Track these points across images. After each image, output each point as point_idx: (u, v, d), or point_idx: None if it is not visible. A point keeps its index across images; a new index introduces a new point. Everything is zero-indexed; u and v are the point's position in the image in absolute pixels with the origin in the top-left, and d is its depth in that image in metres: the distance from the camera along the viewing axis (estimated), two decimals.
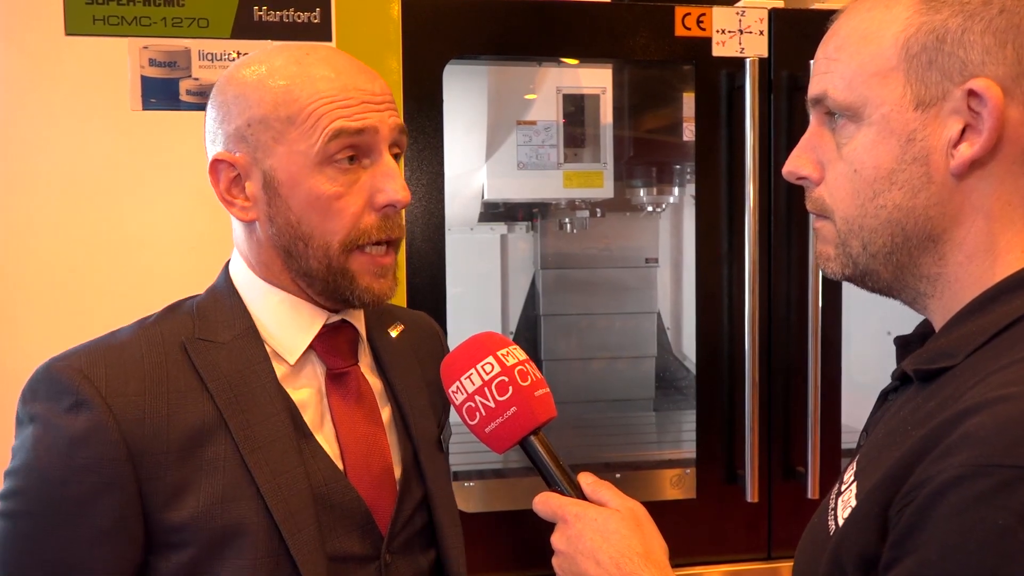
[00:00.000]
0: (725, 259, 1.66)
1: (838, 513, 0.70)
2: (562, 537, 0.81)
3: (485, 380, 0.85)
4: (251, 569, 0.84)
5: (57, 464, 0.81)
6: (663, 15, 1.62)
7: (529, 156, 2.04)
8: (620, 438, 2.33)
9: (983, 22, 0.67)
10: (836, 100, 0.72)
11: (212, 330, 0.90)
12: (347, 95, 0.86)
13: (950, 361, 0.68)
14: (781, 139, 1.66)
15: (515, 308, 2.59)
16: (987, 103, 0.66)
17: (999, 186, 0.69)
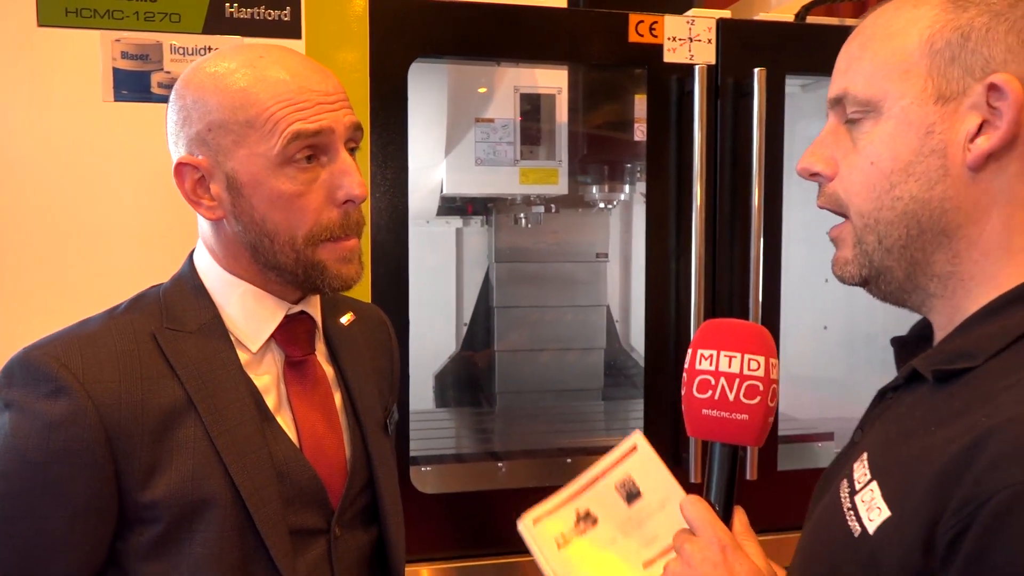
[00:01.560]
0: (673, 255, 1.75)
1: (861, 515, 0.69)
2: (695, 550, 0.79)
3: (744, 374, 0.81)
4: (219, 540, 0.90)
5: (36, 447, 0.85)
6: (618, 22, 1.70)
7: (487, 153, 2.10)
8: (571, 425, 2.41)
9: (1008, 22, 0.69)
10: (856, 96, 0.74)
11: (179, 320, 0.95)
12: (302, 97, 0.90)
13: (971, 362, 0.68)
14: (727, 142, 1.75)
15: (469, 300, 2.65)
16: (1008, 96, 0.68)
17: (1015, 182, 0.70)
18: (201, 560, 0.89)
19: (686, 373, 0.85)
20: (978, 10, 0.70)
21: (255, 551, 0.92)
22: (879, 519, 0.67)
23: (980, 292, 0.72)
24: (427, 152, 2.09)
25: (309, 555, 0.96)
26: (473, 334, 2.63)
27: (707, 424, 0.82)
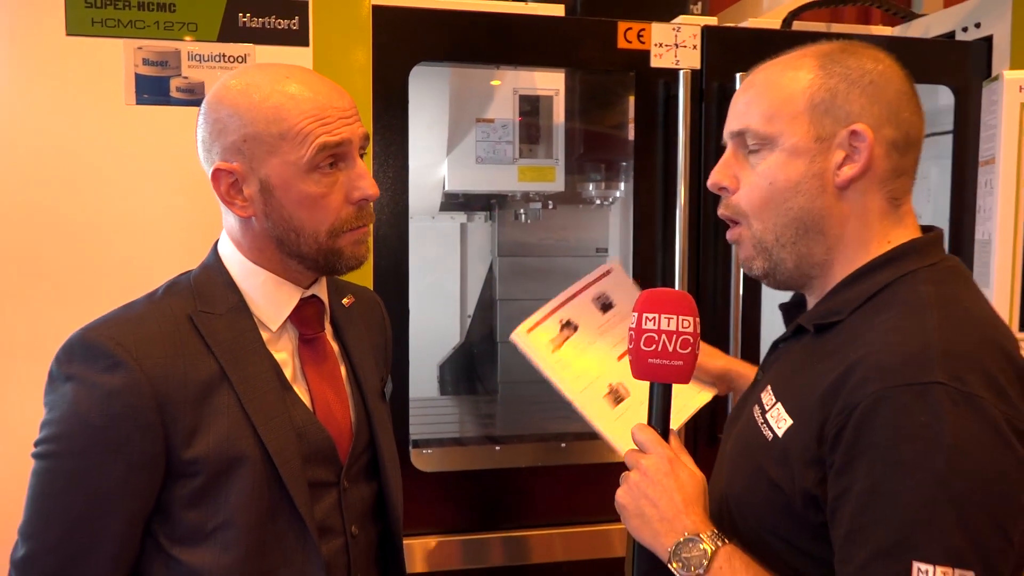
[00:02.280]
0: (659, 249, 1.86)
1: (772, 426, 0.96)
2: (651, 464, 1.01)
3: (679, 331, 1.03)
4: (250, 491, 1.04)
5: (98, 413, 1.00)
6: (608, 29, 1.80)
7: (487, 151, 2.21)
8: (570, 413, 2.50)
9: (860, 87, 0.96)
10: (757, 132, 0.99)
11: (210, 303, 1.09)
12: (326, 113, 1.05)
13: (838, 317, 0.96)
14: (711, 143, 1.85)
15: (473, 292, 2.75)
16: (864, 139, 0.95)
17: (867, 198, 0.98)
18: (235, 508, 1.04)
19: (633, 331, 1.06)
20: (840, 77, 0.97)
21: (280, 501, 1.06)
22: (785, 427, 0.94)
23: (843, 271, 0.99)
24: (430, 150, 2.19)
25: (323, 504, 1.11)
26: (475, 325, 2.73)
27: (652, 369, 1.05)
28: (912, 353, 0.85)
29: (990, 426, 0.82)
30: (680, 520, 0.97)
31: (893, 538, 0.81)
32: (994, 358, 0.86)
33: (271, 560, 1.07)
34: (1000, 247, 1.65)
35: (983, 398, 0.83)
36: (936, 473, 0.81)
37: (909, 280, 0.94)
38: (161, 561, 1.06)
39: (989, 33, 1.96)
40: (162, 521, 1.06)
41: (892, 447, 0.82)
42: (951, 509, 0.80)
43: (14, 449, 1.47)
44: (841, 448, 0.86)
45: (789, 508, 0.92)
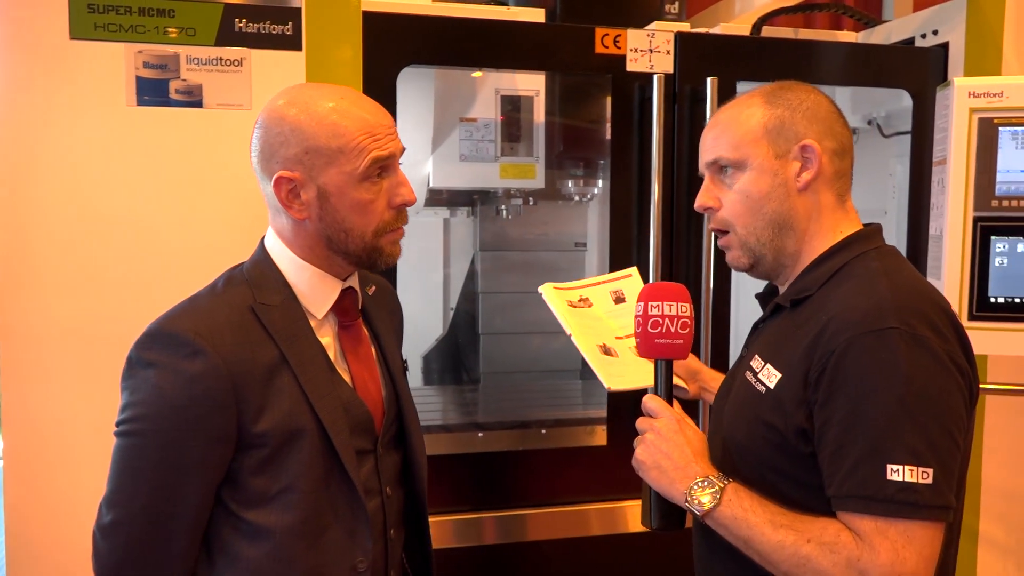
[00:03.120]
0: (635, 244, 1.96)
1: (764, 382, 1.17)
2: (664, 425, 1.21)
3: (679, 315, 1.24)
4: (308, 459, 1.19)
5: (180, 394, 1.13)
6: (586, 35, 1.89)
7: (470, 149, 2.30)
8: (550, 401, 2.60)
9: (800, 112, 1.21)
10: (729, 158, 1.22)
11: (266, 295, 1.23)
12: (376, 131, 1.20)
13: (808, 293, 1.18)
14: (684, 143, 1.95)
15: (456, 286, 2.83)
16: (814, 151, 1.19)
17: (822, 197, 1.22)
18: (295, 474, 1.19)
19: (640, 317, 1.26)
20: (784, 107, 1.22)
21: (332, 467, 1.21)
22: (776, 380, 1.15)
23: (808, 259, 1.23)
24: (416, 149, 2.28)
25: (364, 468, 1.27)
26: (459, 318, 2.81)
27: (658, 348, 1.25)
28: (871, 309, 1.08)
29: (934, 358, 1.06)
30: (692, 468, 1.16)
31: (869, 448, 1.04)
32: (932, 309, 1.10)
33: (325, 519, 1.21)
34: (950, 242, 1.76)
35: (928, 337, 1.06)
36: (897, 395, 1.03)
37: (860, 259, 1.18)
38: (231, 523, 1.20)
39: (945, 40, 2.07)
40: (231, 488, 1.19)
41: (862, 379, 1.05)
42: (911, 421, 1.03)
43: None
44: (823, 387, 1.08)
45: (784, 444, 1.13)
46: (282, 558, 1.19)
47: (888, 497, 1.02)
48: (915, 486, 1.02)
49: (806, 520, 1.08)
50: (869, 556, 1.03)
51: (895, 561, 1.02)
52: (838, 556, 1.04)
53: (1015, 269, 1.73)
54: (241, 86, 1.66)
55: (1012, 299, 1.74)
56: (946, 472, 1.04)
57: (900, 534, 1.02)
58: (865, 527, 1.04)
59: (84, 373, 1.62)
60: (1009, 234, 1.73)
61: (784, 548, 1.07)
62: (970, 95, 1.73)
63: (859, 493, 1.04)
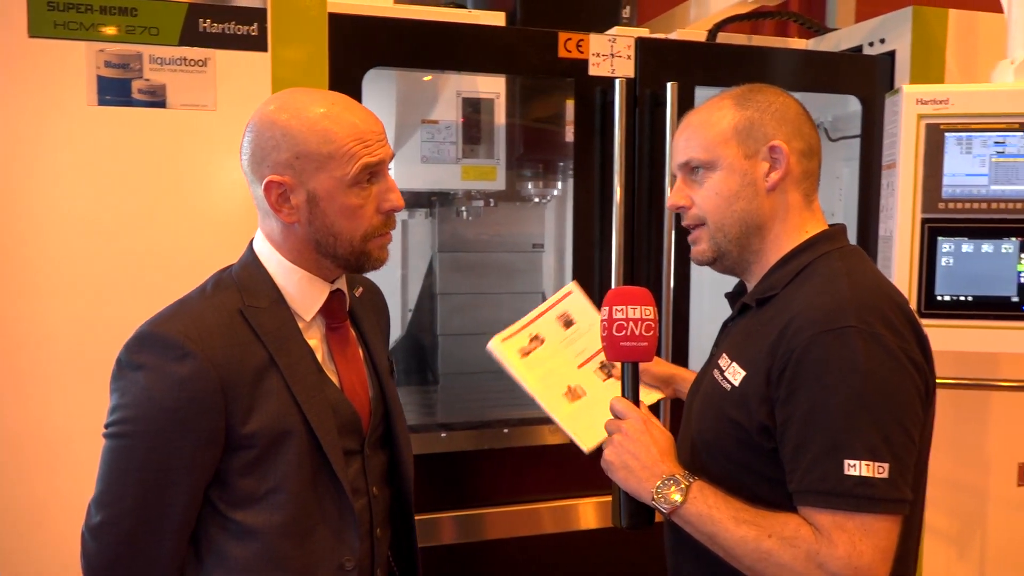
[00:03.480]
0: (597, 245, 1.99)
1: (730, 379, 1.20)
2: (631, 427, 1.23)
3: (643, 318, 1.26)
4: (296, 459, 1.20)
5: (169, 396, 1.14)
6: (549, 39, 1.92)
7: (432, 151, 2.31)
8: (509, 401, 2.62)
9: (769, 113, 1.24)
10: (700, 159, 1.25)
11: (255, 298, 1.23)
12: (367, 137, 1.21)
13: (773, 292, 1.21)
14: (644, 146, 1.99)
15: (414, 287, 2.83)
16: (781, 152, 1.22)
17: (789, 197, 1.25)
18: (283, 475, 1.19)
19: (605, 321, 1.28)
20: (753, 108, 1.24)
21: (321, 466, 1.22)
22: (740, 377, 1.18)
23: (774, 257, 1.25)
24: None
25: (351, 469, 1.28)
26: (418, 319, 2.82)
27: (624, 351, 1.27)
28: (831, 308, 1.11)
29: (890, 355, 1.09)
30: (658, 467, 1.19)
31: (827, 443, 1.07)
32: (890, 308, 1.13)
33: (312, 518, 1.23)
34: (899, 243, 1.83)
35: (884, 335, 1.09)
36: (854, 390, 1.07)
37: (824, 259, 1.21)
38: (218, 523, 1.21)
39: (892, 48, 2.16)
40: (219, 488, 1.20)
41: (821, 376, 1.08)
42: (868, 416, 1.07)
43: None
44: (784, 384, 1.11)
45: (748, 440, 1.16)
46: (270, 558, 1.20)
47: (845, 491, 1.05)
48: (871, 480, 1.05)
49: (768, 515, 1.11)
50: (827, 549, 1.05)
51: (852, 554, 1.04)
52: (798, 550, 1.07)
53: (960, 268, 1.81)
54: (206, 86, 1.65)
55: (957, 297, 1.82)
56: (902, 466, 1.07)
57: (857, 527, 1.05)
58: (824, 521, 1.07)
59: (58, 375, 1.59)
60: (955, 235, 1.81)
61: (746, 543, 1.10)
62: (918, 102, 1.81)
63: (818, 488, 1.07)
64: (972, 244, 1.80)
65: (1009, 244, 1.79)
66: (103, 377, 1.20)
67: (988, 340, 1.81)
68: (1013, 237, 1.78)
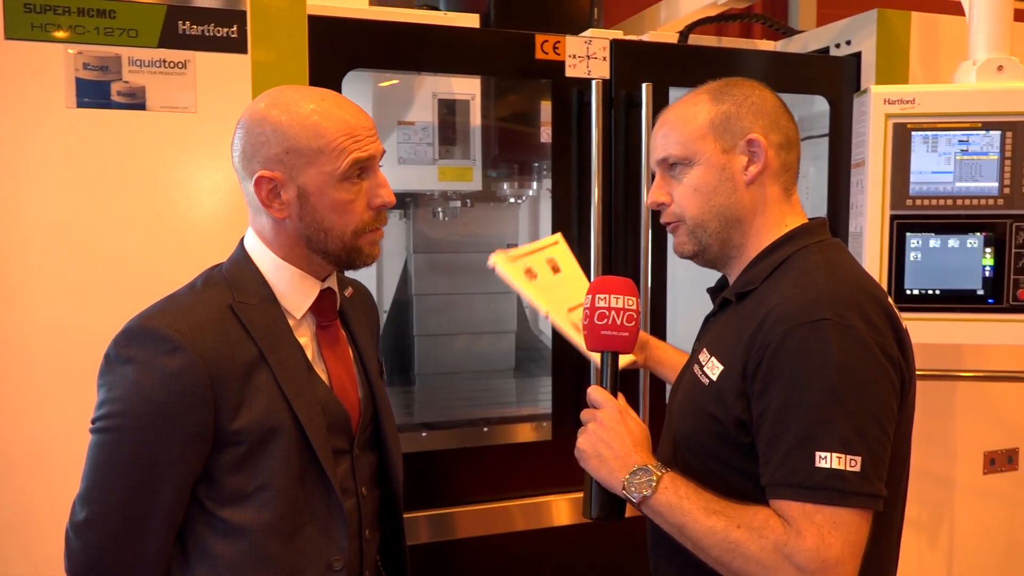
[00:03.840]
0: (575, 243, 2.01)
1: (708, 374, 1.20)
2: (606, 416, 1.22)
3: (625, 308, 1.25)
4: (285, 457, 1.20)
5: (159, 390, 1.13)
6: (526, 41, 1.95)
7: (408, 152, 2.32)
8: (486, 400, 2.64)
9: (745, 107, 1.24)
10: (677, 155, 1.25)
11: (245, 294, 1.23)
12: (357, 132, 1.21)
13: (752, 286, 1.21)
14: (620, 146, 2.02)
15: (389, 288, 2.84)
16: (760, 145, 1.22)
17: (768, 190, 1.25)
18: (271, 472, 1.19)
19: (588, 309, 1.27)
20: (730, 102, 1.24)
21: (310, 464, 1.22)
22: (718, 371, 1.18)
23: (754, 251, 1.25)
24: None
25: (341, 468, 1.28)
26: (393, 320, 2.82)
27: (604, 340, 1.26)
28: (807, 301, 1.11)
29: (865, 348, 1.08)
30: (631, 457, 1.18)
31: (800, 436, 1.06)
32: (868, 302, 1.12)
33: (301, 517, 1.22)
34: (869, 239, 1.89)
35: (860, 328, 1.09)
36: (828, 383, 1.06)
37: (802, 253, 1.21)
38: (205, 520, 1.20)
39: (858, 50, 2.22)
40: (207, 485, 1.19)
41: (795, 368, 1.08)
42: (841, 409, 1.06)
43: None
44: (759, 378, 1.11)
45: (725, 434, 1.16)
46: (257, 556, 1.19)
47: (816, 484, 1.04)
48: (843, 473, 1.04)
49: (738, 507, 1.10)
50: (795, 541, 1.04)
51: (820, 546, 1.03)
52: (765, 541, 1.06)
53: (928, 263, 1.87)
54: (185, 88, 1.65)
55: (925, 291, 1.88)
56: (875, 460, 1.06)
57: (827, 520, 1.04)
58: (793, 513, 1.06)
59: (40, 377, 1.58)
60: (922, 231, 1.87)
61: (715, 533, 1.09)
62: (885, 102, 1.86)
63: (789, 481, 1.06)
64: (939, 239, 1.86)
65: (974, 239, 1.85)
66: (85, 378, 1.20)
67: (955, 332, 1.87)
68: (978, 232, 1.85)
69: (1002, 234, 1.84)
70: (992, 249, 1.84)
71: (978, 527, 2.40)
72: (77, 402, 1.53)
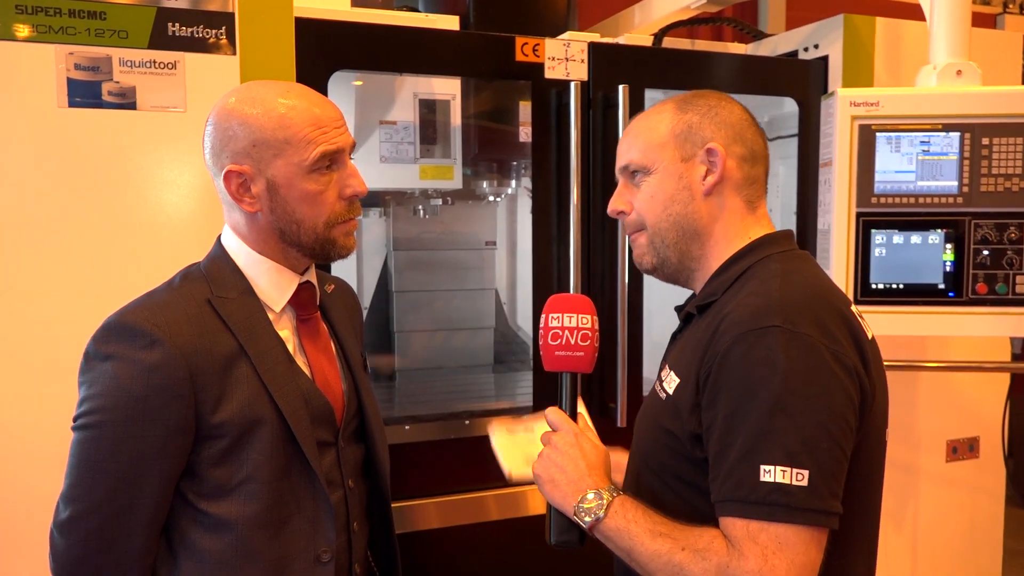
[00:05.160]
0: (555, 241, 2.07)
1: (666, 388, 1.18)
2: (561, 440, 1.20)
3: (579, 327, 1.22)
4: (268, 449, 1.20)
5: (139, 385, 1.13)
6: (507, 43, 2.00)
7: (390, 151, 2.36)
8: (467, 394, 2.68)
9: (708, 117, 1.22)
10: (637, 163, 1.24)
11: (223, 289, 1.24)
12: (324, 124, 1.22)
13: (714, 298, 1.18)
14: (598, 146, 2.08)
15: (369, 285, 2.88)
16: (718, 155, 1.20)
17: (729, 202, 1.22)
18: (255, 464, 1.19)
19: (542, 329, 1.25)
20: (693, 112, 1.23)
21: (294, 457, 1.22)
22: (675, 385, 1.16)
23: (716, 263, 1.23)
24: None
25: (326, 460, 1.29)
26: (373, 317, 2.86)
27: (559, 361, 1.24)
28: (758, 308, 1.08)
29: (817, 356, 1.04)
30: (584, 481, 1.15)
31: (745, 448, 1.02)
32: (824, 309, 1.09)
33: (287, 509, 1.22)
34: (836, 236, 1.97)
35: (811, 335, 1.04)
36: (774, 393, 1.01)
37: (763, 263, 1.18)
38: (190, 515, 1.21)
39: (825, 54, 2.30)
40: (191, 480, 1.20)
41: (742, 378, 1.04)
42: (787, 420, 1.01)
43: None
44: (708, 388, 1.08)
45: (681, 450, 1.13)
46: (244, 549, 1.19)
47: (760, 499, 0.99)
48: (787, 487, 0.98)
49: (685, 529, 1.06)
50: (737, 562, 0.99)
51: (763, 568, 0.98)
52: (708, 563, 1.01)
53: (892, 258, 1.95)
54: (175, 89, 1.68)
55: (890, 285, 1.96)
56: (826, 475, 1.00)
57: (771, 539, 0.99)
58: (737, 532, 1.01)
59: (33, 377, 1.61)
60: (886, 227, 1.95)
61: (660, 556, 1.05)
62: (851, 104, 1.95)
63: (733, 496, 1.02)
64: (902, 236, 1.95)
65: (935, 235, 1.94)
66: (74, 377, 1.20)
67: (918, 324, 1.96)
68: (939, 229, 1.94)
69: (961, 231, 1.93)
70: (952, 245, 1.93)
71: (941, 513, 2.49)
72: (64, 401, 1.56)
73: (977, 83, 1.97)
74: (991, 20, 4.33)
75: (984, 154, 1.91)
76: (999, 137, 1.90)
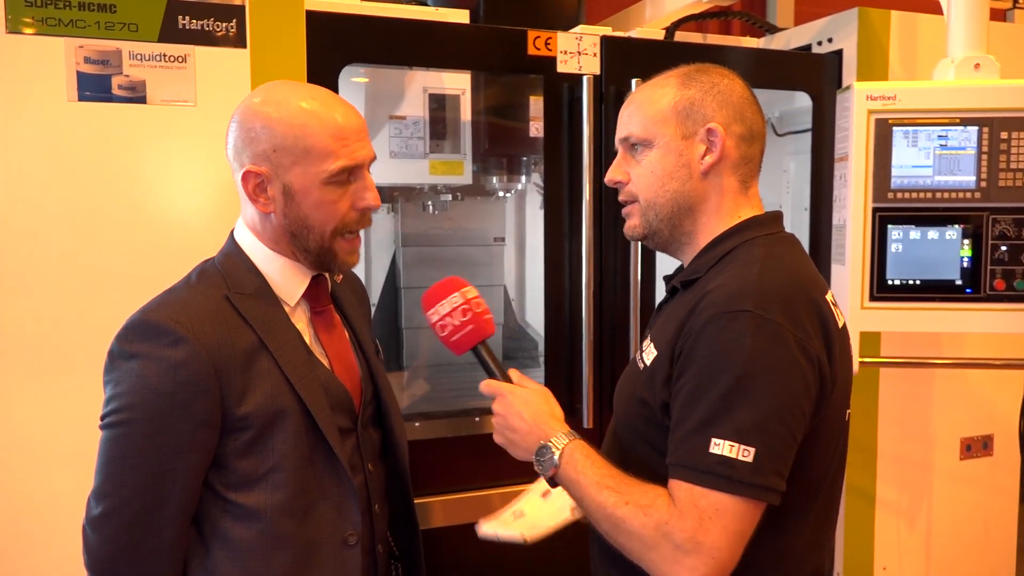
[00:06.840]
0: (567, 236, 2.06)
1: (644, 359, 1.21)
2: (500, 405, 1.25)
3: (453, 308, 1.27)
4: (293, 438, 1.23)
5: (165, 381, 1.16)
6: (519, 37, 1.99)
7: (400, 146, 2.34)
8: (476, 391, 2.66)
9: (711, 95, 1.23)
10: (638, 136, 1.25)
11: (240, 285, 1.27)
12: (346, 136, 1.23)
13: (698, 275, 1.22)
14: (611, 140, 2.06)
15: (377, 281, 2.87)
16: (718, 135, 1.21)
17: (724, 181, 1.24)
18: (281, 454, 1.22)
19: (432, 326, 1.30)
20: (696, 89, 1.24)
21: (317, 444, 1.26)
22: (652, 357, 1.20)
23: (705, 240, 1.26)
24: None
25: (347, 445, 1.32)
26: (381, 313, 2.85)
27: (460, 342, 1.29)
28: (734, 291, 1.12)
29: (782, 343, 1.08)
30: (533, 434, 1.21)
31: (701, 421, 1.08)
32: (798, 298, 1.13)
33: (312, 495, 1.26)
34: (852, 231, 1.95)
35: (780, 323, 1.08)
36: (735, 372, 1.07)
37: (748, 244, 1.21)
38: (219, 506, 1.24)
39: (839, 47, 2.28)
40: (219, 471, 1.23)
41: (709, 356, 1.09)
42: (744, 400, 1.06)
43: None
44: (680, 362, 1.13)
45: (652, 417, 1.18)
46: (273, 536, 1.23)
47: (706, 468, 1.05)
48: (733, 461, 1.04)
49: (632, 483, 1.11)
50: (676, 521, 1.05)
51: (698, 529, 1.04)
52: (648, 519, 1.07)
53: (908, 254, 1.93)
54: (185, 82, 1.67)
55: (906, 281, 1.94)
56: (772, 455, 1.06)
57: (711, 505, 1.05)
58: (681, 494, 1.07)
59: (34, 376, 1.59)
60: (903, 223, 1.93)
61: (604, 509, 1.10)
62: (868, 98, 1.92)
63: (683, 462, 1.08)
64: (919, 231, 1.93)
65: (952, 231, 1.92)
66: (89, 374, 1.21)
67: (935, 321, 1.94)
68: (956, 224, 1.92)
69: (979, 226, 1.91)
70: (970, 241, 1.91)
71: (955, 511, 2.48)
72: (81, 397, 1.55)
73: (996, 77, 1.95)
74: (1001, 15, 4.30)
75: (1003, 148, 1.89)
76: (1018, 131, 1.88)
